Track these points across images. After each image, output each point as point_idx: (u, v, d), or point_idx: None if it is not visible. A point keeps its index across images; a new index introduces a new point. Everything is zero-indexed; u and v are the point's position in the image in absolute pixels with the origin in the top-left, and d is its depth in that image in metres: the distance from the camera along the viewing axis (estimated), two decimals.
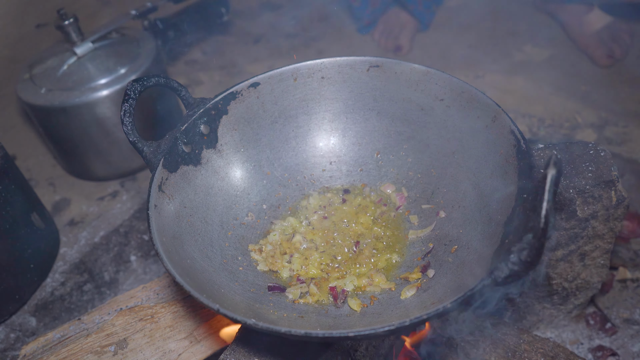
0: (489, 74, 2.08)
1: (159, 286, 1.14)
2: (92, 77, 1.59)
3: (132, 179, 1.82)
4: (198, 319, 1.08)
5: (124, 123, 0.96)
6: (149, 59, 1.66)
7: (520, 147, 0.87)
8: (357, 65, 1.11)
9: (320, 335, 0.72)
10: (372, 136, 1.15)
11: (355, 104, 1.14)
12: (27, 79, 1.64)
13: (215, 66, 2.38)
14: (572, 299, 1.16)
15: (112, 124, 1.62)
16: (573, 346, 1.21)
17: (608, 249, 1.09)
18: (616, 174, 1.00)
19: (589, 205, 1.00)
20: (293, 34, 2.51)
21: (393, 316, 0.87)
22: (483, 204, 0.93)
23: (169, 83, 1.03)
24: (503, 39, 2.26)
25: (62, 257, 1.57)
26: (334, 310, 0.92)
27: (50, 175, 1.89)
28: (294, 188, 1.15)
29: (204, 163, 1.06)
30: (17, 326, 1.41)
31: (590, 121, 1.81)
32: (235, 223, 1.07)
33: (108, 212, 1.71)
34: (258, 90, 1.11)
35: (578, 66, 2.05)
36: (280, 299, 0.94)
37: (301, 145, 1.17)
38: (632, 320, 1.24)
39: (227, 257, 0.99)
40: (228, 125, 1.10)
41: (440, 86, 1.04)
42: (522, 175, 0.85)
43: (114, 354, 1.03)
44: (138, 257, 1.56)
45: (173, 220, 0.94)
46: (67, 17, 1.60)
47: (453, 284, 0.86)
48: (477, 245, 0.89)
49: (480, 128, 0.98)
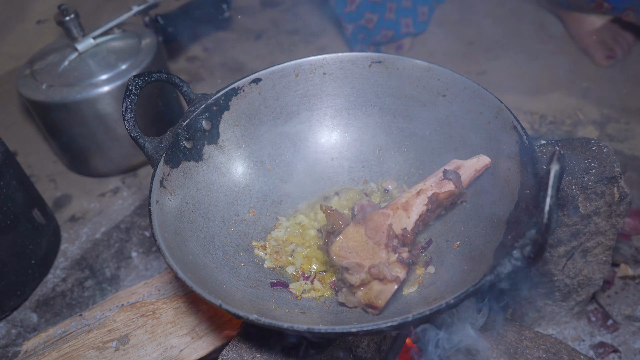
0: (490, 71, 2.08)
1: (161, 282, 1.14)
2: (93, 73, 1.59)
3: (133, 175, 1.82)
4: (200, 315, 1.08)
5: (126, 119, 0.96)
6: (150, 55, 1.65)
7: (522, 143, 0.87)
8: (358, 61, 1.11)
9: (322, 331, 0.71)
10: (374, 132, 1.15)
11: (357, 100, 1.14)
12: (28, 75, 1.64)
13: (216, 62, 2.37)
14: (574, 295, 1.16)
15: (113, 119, 1.62)
16: (574, 343, 1.21)
17: (610, 246, 1.08)
18: (619, 170, 0.99)
19: (592, 201, 1.00)
20: (294, 30, 2.50)
21: (395, 312, 0.87)
22: (485, 200, 0.93)
23: (170, 79, 1.03)
24: (505, 36, 2.25)
25: (63, 253, 1.57)
26: (336, 306, 0.92)
27: (51, 171, 1.89)
28: (296, 184, 1.15)
29: (205, 159, 1.06)
30: (18, 322, 1.41)
31: (592, 118, 1.81)
32: (237, 219, 1.06)
33: (109, 208, 1.71)
34: (260, 86, 1.11)
35: (580, 63, 2.04)
36: (282, 295, 0.94)
37: (303, 142, 1.17)
38: (633, 317, 1.24)
39: (228, 253, 0.99)
40: (230, 121, 1.09)
41: (442, 82, 1.04)
42: (524, 171, 0.85)
43: (116, 350, 1.03)
44: (139, 254, 1.56)
45: (175, 216, 0.94)
46: (68, 12, 1.60)
47: (455, 280, 0.86)
48: (479, 242, 0.89)
49: (483, 124, 0.97)
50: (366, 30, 2.12)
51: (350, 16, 2.08)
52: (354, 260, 0.86)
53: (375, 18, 2.08)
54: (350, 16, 2.08)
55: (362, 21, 2.09)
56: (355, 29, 2.11)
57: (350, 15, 2.07)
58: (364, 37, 2.12)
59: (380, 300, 0.84)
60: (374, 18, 2.08)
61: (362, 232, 0.89)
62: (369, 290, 0.85)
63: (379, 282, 0.85)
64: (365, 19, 2.08)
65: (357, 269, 0.85)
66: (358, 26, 2.10)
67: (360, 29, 2.11)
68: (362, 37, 2.12)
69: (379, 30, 2.13)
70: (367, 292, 0.85)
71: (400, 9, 2.12)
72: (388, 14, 2.10)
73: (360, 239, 0.89)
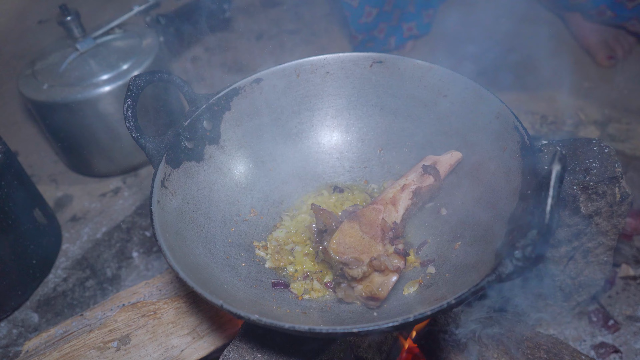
0: (491, 71, 2.07)
1: (162, 282, 1.14)
2: (95, 73, 1.59)
3: (134, 175, 1.82)
4: (201, 315, 1.08)
5: (127, 119, 0.96)
6: (151, 55, 1.65)
7: (524, 143, 0.87)
8: (360, 61, 1.11)
9: (324, 331, 0.71)
10: (375, 132, 1.15)
11: (358, 100, 1.14)
12: (29, 75, 1.64)
13: (217, 62, 2.37)
14: (575, 295, 1.16)
15: (114, 120, 1.62)
16: (576, 343, 1.21)
17: (611, 246, 1.08)
18: (620, 170, 0.99)
19: (593, 201, 1.00)
20: (295, 30, 2.50)
21: (396, 312, 0.87)
22: (487, 201, 0.93)
23: (171, 79, 1.03)
24: (506, 36, 2.25)
25: (64, 253, 1.57)
26: (337, 307, 0.92)
27: (52, 171, 1.89)
28: (297, 184, 1.15)
29: (206, 159, 1.06)
30: (19, 322, 1.41)
31: (593, 118, 1.81)
32: (238, 219, 1.06)
33: (110, 208, 1.71)
34: (261, 86, 1.11)
35: (581, 63, 2.04)
36: (283, 295, 0.94)
37: (304, 142, 1.17)
38: (634, 318, 1.24)
39: (230, 253, 0.99)
40: (231, 121, 1.09)
41: (443, 82, 1.04)
42: (526, 171, 0.84)
43: (117, 350, 1.03)
44: (140, 254, 1.56)
45: (176, 216, 0.94)
46: (69, 12, 1.60)
47: (457, 280, 0.85)
48: (480, 242, 0.89)
49: (484, 124, 0.97)
50: (377, 40, 2.12)
51: (365, 27, 2.07)
52: (352, 255, 0.89)
53: (385, 27, 2.09)
54: (365, 27, 2.07)
55: (374, 31, 2.09)
56: (364, 39, 2.11)
57: (365, 26, 2.06)
58: (372, 47, 2.12)
59: (382, 291, 0.86)
60: (384, 28, 2.09)
61: (357, 228, 0.92)
62: (369, 283, 0.87)
63: (379, 274, 0.88)
64: (378, 29, 2.09)
65: (356, 263, 0.88)
66: (370, 36, 2.09)
67: (371, 39, 2.11)
68: (371, 47, 2.13)
69: (387, 39, 2.13)
70: (368, 284, 0.88)
71: (404, 15, 2.12)
72: (394, 22, 2.10)
73: (356, 234, 0.92)
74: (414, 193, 0.99)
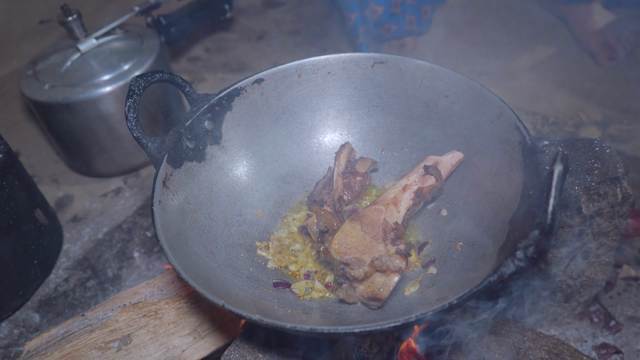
0: (493, 71, 2.07)
1: (163, 282, 1.14)
2: (96, 73, 1.59)
3: (135, 176, 1.82)
4: (202, 315, 1.08)
5: (128, 119, 0.96)
6: (152, 55, 1.66)
7: (525, 144, 0.87)
8: (361, 62, 1.11)
9: (325, 331, 0.71)
10: (376, 133, 1.15)
11: (359, 100, 1.14)
12: (31, 75, 1.64)
13: (218, 63, 2.38)
14: (576, 296, 1.16)
15: (116, 120, 1.62)
16: (577, 344, 1.21)
17: (613, 247, 1.08)
18: (622, 170, 0.99)
19: (594, 202, 1.00)
20: (296, 31, 2.50)
21: (398, 312, 0.87)
22: (488, 201, 0.93)
23: (173, 79, 1.03)
24: (507, 37, 2.25)
25: (65, 253, 1.57)
26: (338, 307, 0.92)
27: (53, 171, 1.89)
28: (298, 184, 1.15)
29: (208, 159, 1.06)
30: (20, 322, 1.41)
31: (594, 119, 1.81)
32: (239, 219, 1.06)
33: (111, 208, 1.71)
34: (262, 86, 1.11)
35: (582, 63, 2.04)
36: (284, 295, 0.94)
37: (305, 142, 1.17)
38: (636, 318, 1.24)
39: (231, 253, 0.99)
40: (232, 122, 1.09)
41: (445, 82, 1.04)
42: (527, 171, 0.84)
43: (118, 350, 1.03)
44: (141, 254, 1.56)
45: (177, 216, 0.94)
46: (70, 13, 1.60)
47: (458, 281, 0.85)
48: (482, 242, 0.89)
49: (485, 124, 0.97)
50: (369, 21, 2.11)
51: (355, 5, 2.06)
52: (354, 255, 0.89)
53: (380, 10, 2.08)
54: (355, 5, 2.06)
55: (366, 12, 2.08)
56: (357, 20, 2.10)
57: (356, 5, 2.06)
58: (367, 29, 2.12)
59: (384, 292, 0.86)
60: (378, 10, 2.08)
61: (359, 228, 0.92)
62: (371, 283, 0.87)
63: (381, 275, 0.87)
64: (370, 9, 2.08)
65: (358, 263, 0.87)
66: (361, 17, 2.09)
67: (363, 21, 2.10)
68: (365, 29, 2.12)
69: (382, 23, 2.13)
70: (370, 285, 0.87)
71: (405, 5, 2.12)
72: (393, 8, 2.10)
73: (357, 234, 0.91)
74: (415, 193, 0.99)
